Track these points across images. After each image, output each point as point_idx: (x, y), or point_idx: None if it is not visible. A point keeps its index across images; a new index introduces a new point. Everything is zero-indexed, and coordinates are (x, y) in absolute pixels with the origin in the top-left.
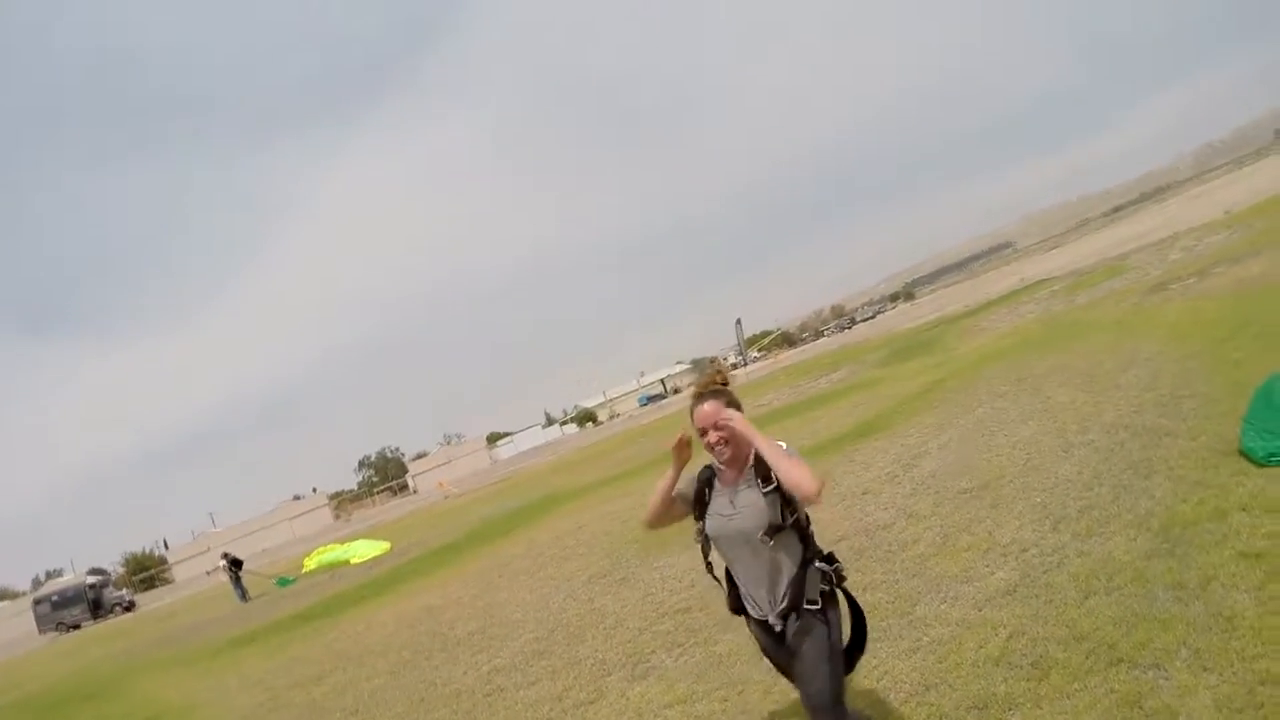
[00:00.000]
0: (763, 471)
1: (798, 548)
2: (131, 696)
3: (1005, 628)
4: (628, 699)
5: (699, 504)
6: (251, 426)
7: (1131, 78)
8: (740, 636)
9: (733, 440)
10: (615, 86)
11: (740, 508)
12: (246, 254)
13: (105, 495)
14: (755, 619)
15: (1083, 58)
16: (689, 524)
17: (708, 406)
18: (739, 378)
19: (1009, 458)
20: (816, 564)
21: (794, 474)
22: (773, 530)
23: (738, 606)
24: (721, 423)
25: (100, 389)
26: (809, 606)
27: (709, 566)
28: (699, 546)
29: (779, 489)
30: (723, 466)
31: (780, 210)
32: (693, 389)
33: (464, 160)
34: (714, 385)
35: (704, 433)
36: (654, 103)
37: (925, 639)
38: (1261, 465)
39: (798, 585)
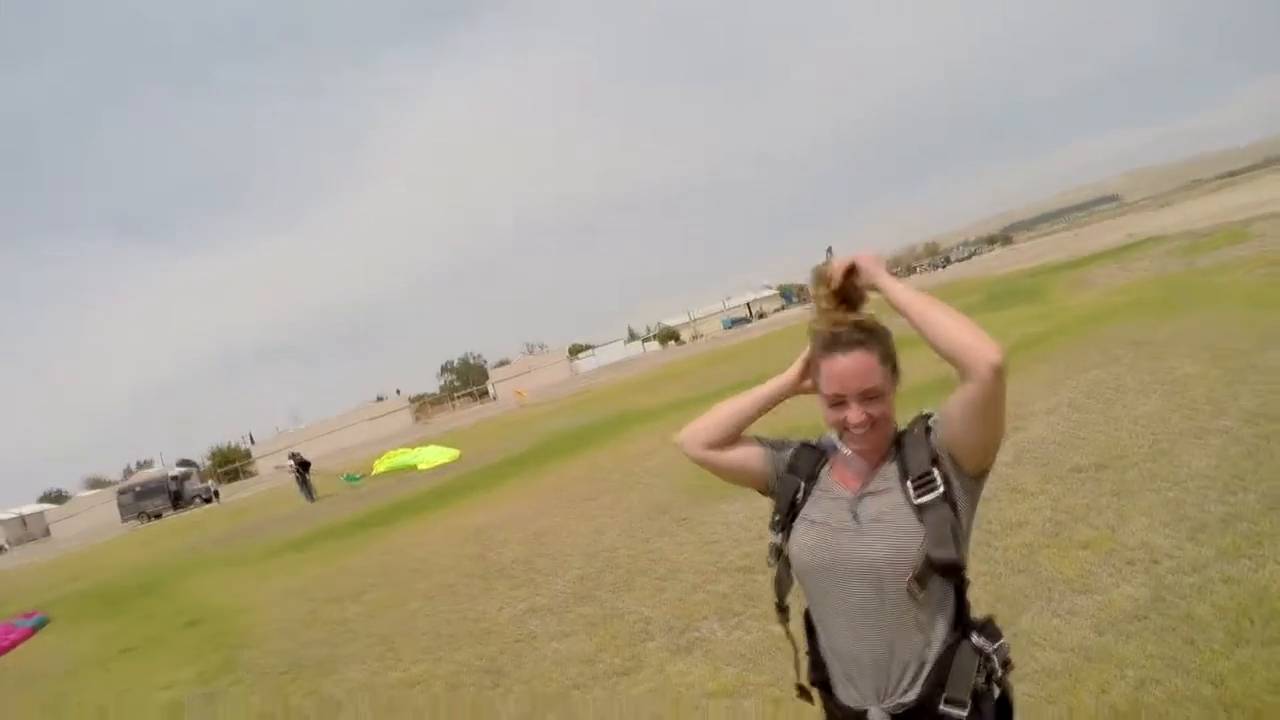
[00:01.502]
0: (915, 464)
1: (949, 605)
2: (183, 595)
3: (1134, 668)
4: (665, 675)
5: (787, 499)
6: (345, 332)
7: (1245, 54)
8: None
9: (880, 423)
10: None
11: (867, 523)
12: (346, 170)
13: (202, 393)
14: (846, 706)
15: (1200, 26)
16: (747, 498)
17: (850, 360)
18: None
19: (1131, 435)
20: (974, 638)
21: (964, 334)
22: (933, 570)
23: (821, 677)
24: (875, 395)
25: (201, 293)
26: (949, 710)
27: (782, 612)
28: (772, 577)
29: (949, 494)
30: (849, 453)
31: (880, 150)
32: (820, 324)
33: (562, 87)
34: (860, 326)
35: (837, 401)
36: (757, 38)
37: (1032, 665)
38: None
39: (940, 670)
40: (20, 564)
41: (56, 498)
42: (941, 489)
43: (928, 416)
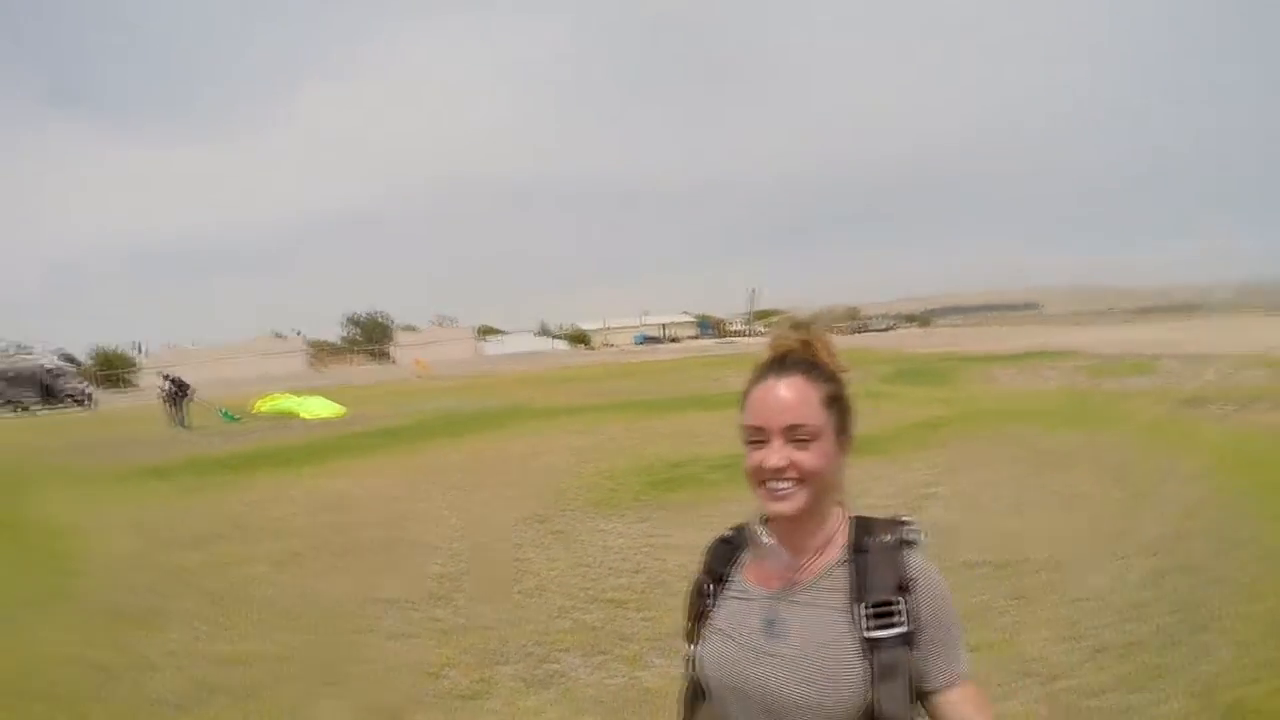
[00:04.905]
0: (877, 581)
1: None
2: (21, 503)
3: None
4: (515, 710)
5: (697, 605)
6: (251, 255)
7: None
8: (677, 670)
9: (810, 479)
10: (699, 21)
11: (784, 640)
12: (302, 75)
13: (100, 287)
14: None
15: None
16: (651, 501)
17: (784, 386)
18: (740, 346)
19: (1031, 541)
20: None
21: None
22: None
23: None
24: (806, 437)
25: (120, 179)
26: None
27: (689, 706)
28: (680, 693)
29: (912, 638)
30: (769, 542)
31: (823, 204)
32: (769, 346)
33: (544, 56)
34: (806, 352)
35: (756, 438)
36: (734, 53)
37: None
38: None
39: None
40: None
41: None
42: (905, 628)
43: (905, 524)
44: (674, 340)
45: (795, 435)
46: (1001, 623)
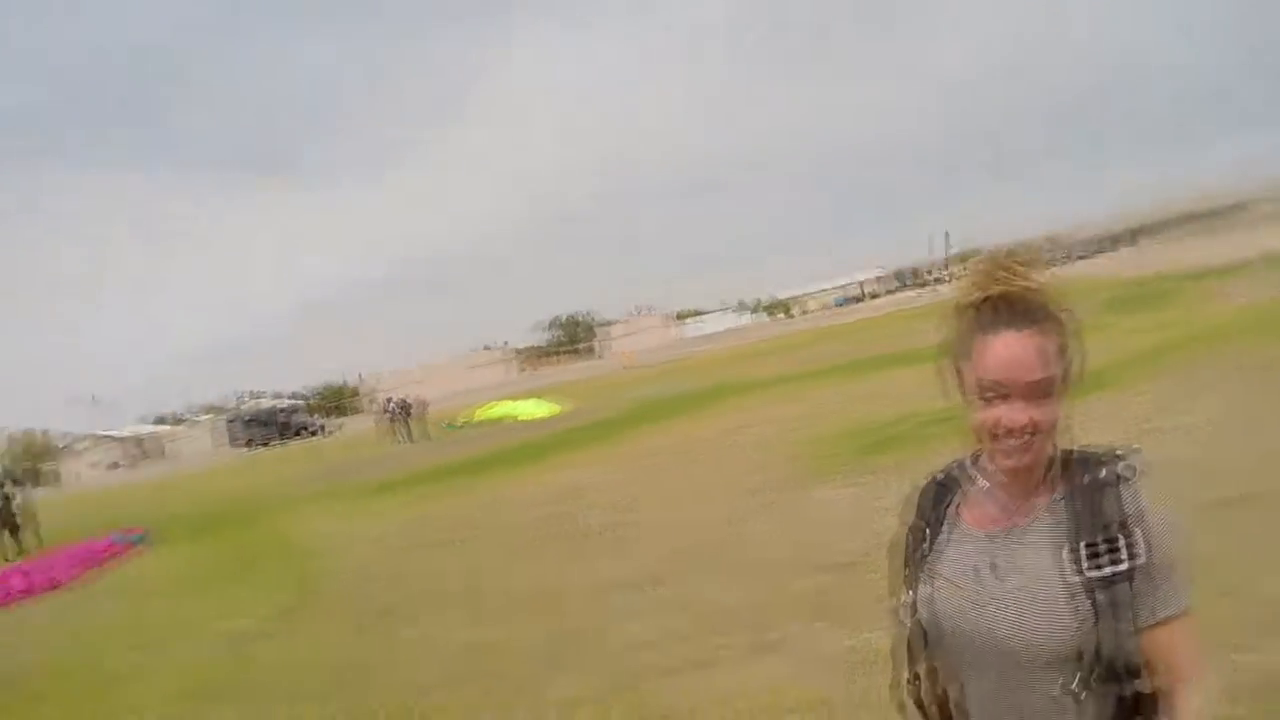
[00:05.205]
0: (1094, 519)
1: (1124, 706)
2: (270, 527)
3: None
4: (743, 677)
5: (913, 550)
6: (443, 278)
7: None
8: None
9: (1045, 432)
10: None
11: (1006, 580)
12: (461, 107)
13: (315, 326)
14: None
15: None
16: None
17: (1021, 341)
18: (940, 294)
19: (1274, 471)
20: None
21: None
22: (1105, 672)
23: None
24: (1046, 392)
25: (314, 228)
26: None
27: (912, 681)
28: (899, 641)
29: (1133, 573)
30: (1001, 475)
31: (1002, 133)
32: (973, 289)
33: (689, 33)
34: (1028, 296)
35: (993, 395)
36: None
37: None
38: None
39: None
40: (132, 482)
41: (173, 420)
42: (1127, 564)
43: (1124, 457)
44: (874, 296)
45: (1036, 391)
46: (1246, 565)
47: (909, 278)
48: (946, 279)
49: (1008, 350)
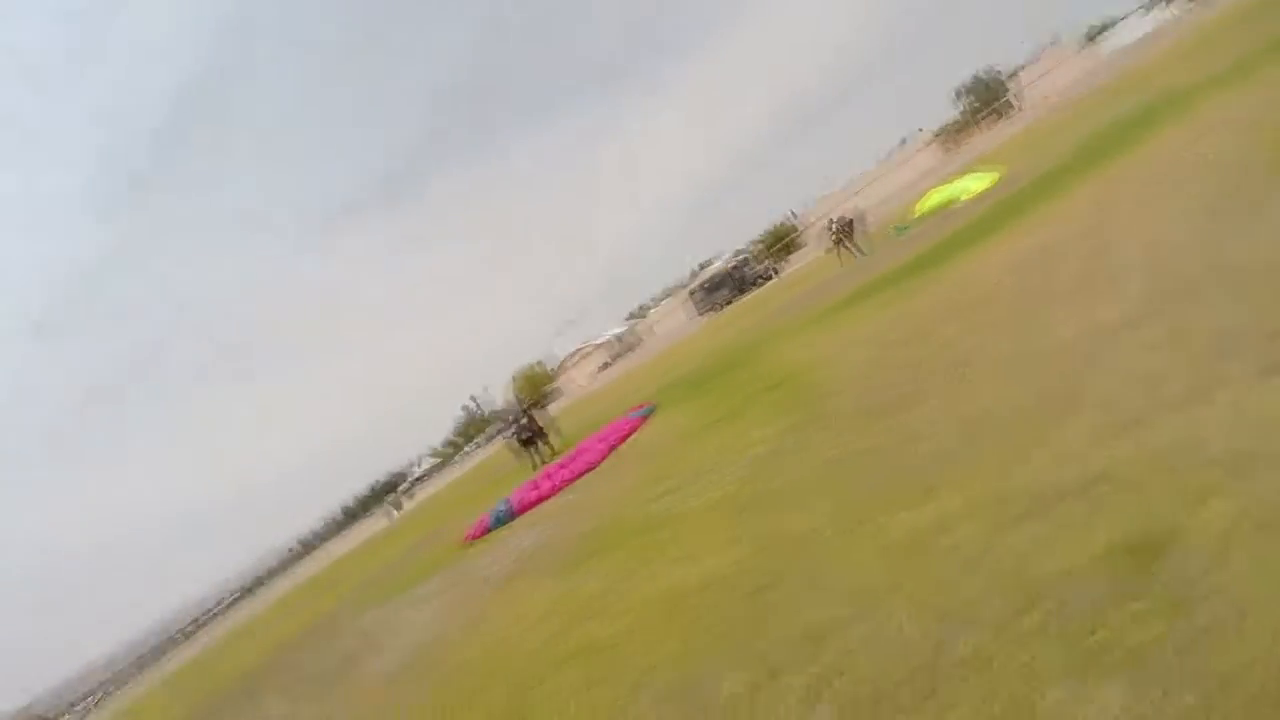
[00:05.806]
0: None
1: None
2: (762, 365)
3: None
4: (1246, 405)
5: None
6: (853, 75)
7: None
8: None
9: None
10: None
11: None
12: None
13: (746, 181)
14: None
15: None
16: None
17: None
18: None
19: None
20: None
21: None
22: None
23: None
24: None
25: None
26: None
27: None
28: None
29: None
30: None
31: None
32: None
33: None
34: None
35: None
36: None
37: None
38: None
39: None
40: (626, 370)
41: (640, 313)
42: None
43: None
44: None
45: None
46: None
47: None
48: None
49: None
